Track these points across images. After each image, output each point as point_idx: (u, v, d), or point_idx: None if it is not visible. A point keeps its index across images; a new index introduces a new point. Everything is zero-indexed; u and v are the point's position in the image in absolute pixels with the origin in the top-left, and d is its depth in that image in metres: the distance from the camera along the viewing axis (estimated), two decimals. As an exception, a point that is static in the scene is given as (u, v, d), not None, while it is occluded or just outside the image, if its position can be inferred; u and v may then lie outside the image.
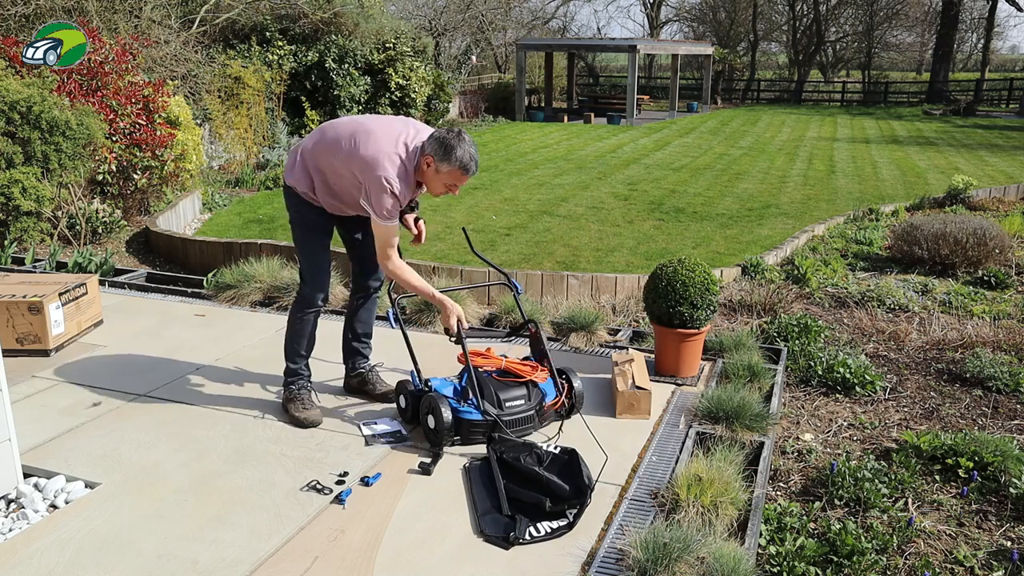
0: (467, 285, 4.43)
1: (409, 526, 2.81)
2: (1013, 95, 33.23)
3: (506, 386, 3.43)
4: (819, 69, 44.46)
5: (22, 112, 6.71)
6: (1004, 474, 3.58)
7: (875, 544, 3.11)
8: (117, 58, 8.63)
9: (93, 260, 6.17)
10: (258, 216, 9.89)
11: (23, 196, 6.66)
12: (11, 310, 4.22)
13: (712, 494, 2.87)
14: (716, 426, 3.54)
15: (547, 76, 27.32)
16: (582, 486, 2.96)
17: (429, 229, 9.04)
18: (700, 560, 2.55)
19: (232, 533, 2.75)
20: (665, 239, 8.85)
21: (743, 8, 41.98)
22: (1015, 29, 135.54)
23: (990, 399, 4.58)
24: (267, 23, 14.83)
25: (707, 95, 30.11)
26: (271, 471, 3.15)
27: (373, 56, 15.74)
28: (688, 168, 14.51)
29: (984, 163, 15.52)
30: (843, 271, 7.41)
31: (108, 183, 8.33)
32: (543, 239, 8.78)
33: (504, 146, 17.66)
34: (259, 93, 13.38)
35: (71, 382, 3.95)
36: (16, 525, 2.81)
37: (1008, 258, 7.60)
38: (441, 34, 25.84)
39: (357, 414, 3.66)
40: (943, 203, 10.89)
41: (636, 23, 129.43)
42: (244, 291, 5.24)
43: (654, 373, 4.15)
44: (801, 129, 22.46)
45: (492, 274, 6.41)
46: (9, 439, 2.98)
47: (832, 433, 4.16)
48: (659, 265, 4.17)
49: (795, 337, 5.29)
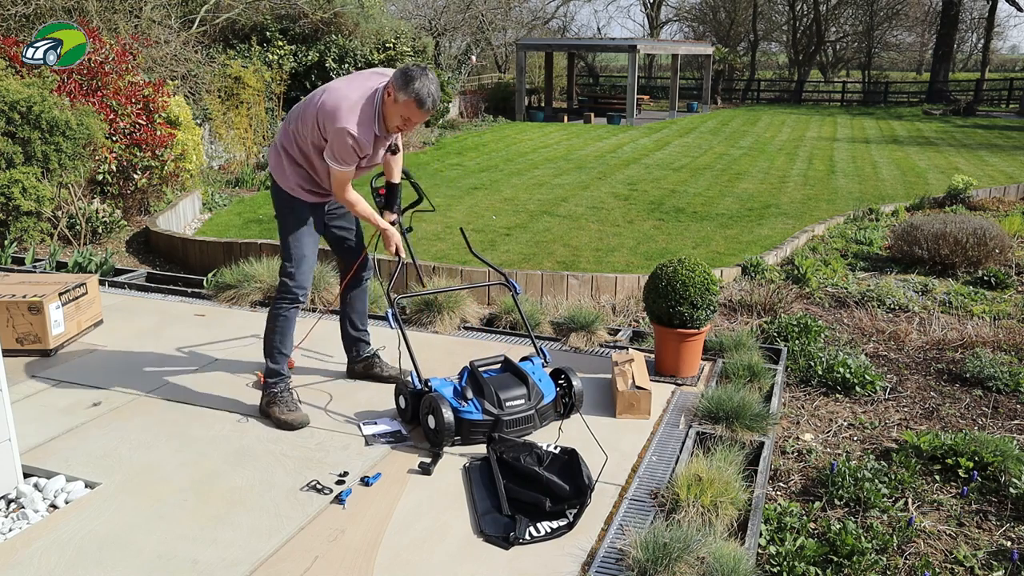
0: (467, 285, 4.43)
1: (409, 526, 2.81)
2: (1013, 95, 33.22)
3: (506, 386, 3.43)
4: (819, 69, 44.45)
5: (22, 112, 6.71)
6: (1004, 474, 3.58)
7: (875, 544, 3.11)
8: (117, 58, 8.64)
9: (93, 260, 6.17)
10: (258, 216, 9.89)
11: (23, 196, 6.66)
12: (11, 310, 4.22)
13: (712, 494, 2.86)
14: (716, 426, 3.54)
15: (547, 76, 27.32)
16: (582, 486, 2.96)
17: (429, 229, 9.05)
18: (700, 560, 2.55)
19: (232, 533, 2.75)
20: (665, 239, 8.85)
21: (743, 8, 41.96)
22: (1015, 29, 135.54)
23: (990, 399, 4.58)
24: (267, 23, 14.83)
25: (707, 95, 30.10)
26: (271, 471, 3.15)
27: (373, 56, 15.73)
28: (688, 168, 14.51)
29: (984, 163, 15.52)
30: (843, 271, 7.41)
31: (108, 183, 8.33)
32: (543, 239, 8.78)
33: (504, 146, 17.65)
34: (259, 93, 13.38)
35: (71, 382, 3.95)
36: (16, 525, 2.81)
37: (1008, 258, 7.59)
38: (441, 34, 25.83)
39: (357, 414, 3.66)
40: (943, 203, 10.89)
41: (636, 23, 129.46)
42: (244, 291, 5.24)
43: (654, 373, 4.15)
44: (801, 129, 22.46)
45: (492, 274, 6.41)
46: (9, 439, 2.98)
47: (832, 433, 4.16)
48: (659, 265, 4.17)
49: (795, 337, 5.29)
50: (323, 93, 3.32)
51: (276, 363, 3.59)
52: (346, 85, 3.31)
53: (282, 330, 3.57)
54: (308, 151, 3.40)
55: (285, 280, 3.56)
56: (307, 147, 3.39)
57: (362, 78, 3.37)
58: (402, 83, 3.18)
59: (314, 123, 3.29)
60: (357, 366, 4.01)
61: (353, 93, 3.25)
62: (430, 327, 4.77)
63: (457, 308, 4.85)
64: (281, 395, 3.56)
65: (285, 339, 3.58)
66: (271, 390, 3.57)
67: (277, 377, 3.59)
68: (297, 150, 3.43)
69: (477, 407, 3.32)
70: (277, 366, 3.59)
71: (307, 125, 3.33)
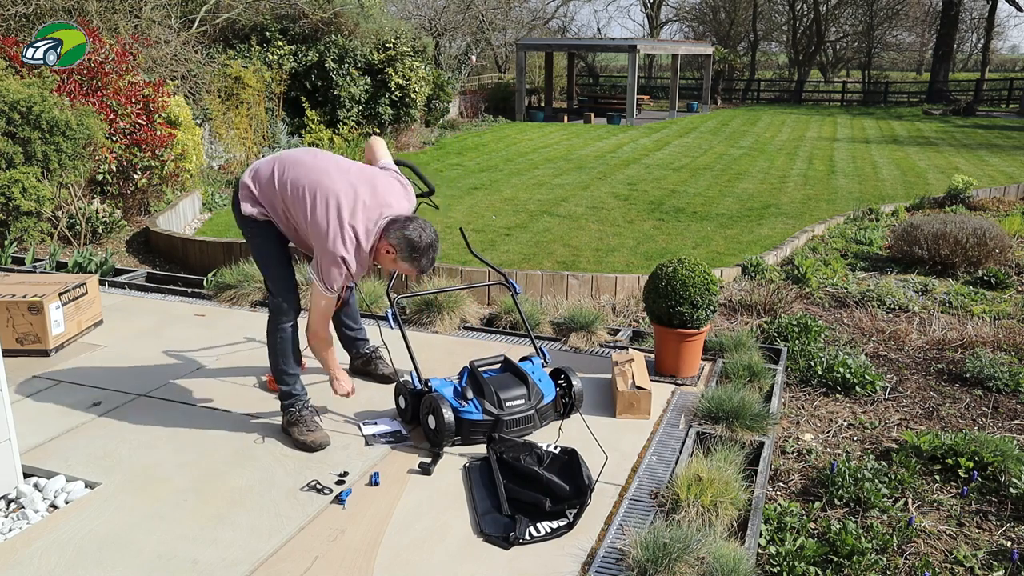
0: (467, 285, 4.43)
1: (409, 526, 2.81)
2: (1013, 95, 33.21)
3: (506, 386, 3.43)
4: (819, 69, 44.44)
5: (22, 112, 6.71)
6: (1004, 474, 3.58)
7: (875, 544, 3.11)
8: (117, 58, 8.63)
9: (93, 260, 6.17)
10: (258, 216, 9.88)
11: (23, 196, 6.66)
12: (11, 310, 4.22)
13: (712, 494, 2.86)
14: (716, 426, 3.54)
15: (547, 76, 27.31)
16: (582, 486, 2.96)
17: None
18: (700, 560, 2.55)
19: (232, 533, 2.75)
20: (665, 239, 8.85)
21: (743, 8, 41.96)
22: (1015, 29, 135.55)
23: (990, 399, 4.58)
24: (267, 23, 14.82)
25: (707, 95, 30.10)
26: (271, 471, 3.15)
27: (373, 56, 15.73)
28: (688, 168, 14.51)
29: (984, 163, 15.52)
30: (843, 271, 7.41)
31: (108, 183, 8.33)
32: (543, 239, 8.78)
33: (504, 146, 17.66)
34: (259, 93, 13.38)
35: (71, 382, 3.95)
36: (16, 525, 2.81)
37: (1008, 258, 7.59)
38: (441, 34, 25.82)
39: (357, 414, 3.65)
40: (943, 203, 10.89)
41: (636, 23, 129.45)
42: (244, 291, 5.24)
43: (654, 373, 4.15)
44: (801, 129, 22.46)
45: (491, 274, 6.41)
46: (9, 439, 2.98)
47: (832, 433, 4.16)
48: (659, 265, 4.17)
49: (795, 337, 5.29)
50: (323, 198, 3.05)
51: (288, 385, 3.43)
52: (343, 199, 3.06)
53: (283, 351, 3.41)
54: (290, 221, 3.22)
55: (272, 298, 3.42)
56: (291, 218, 3.20)
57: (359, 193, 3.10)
58: (408, 255, 3.06)
59: (305, 215, 3.08)
60: (356, 363, 4.04)
61: (345, 218, 3.03)
62: (430, 327, 4.77)
63: (457, 308, 4.85)
64: (300, 415, 3.39)
65: (288, 359, 3.42)
66: (289, 410, 3.42)
67: (291, 399, 3.43)
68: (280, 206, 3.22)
69: (477, 407, 3.32)
70: (289, 387, 3.43)
71: (297, 208, 3.12)
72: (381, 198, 3.16)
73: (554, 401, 3.54)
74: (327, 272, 3.09)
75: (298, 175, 3.19)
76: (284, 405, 3.45)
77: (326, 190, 3.10)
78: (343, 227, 3.05)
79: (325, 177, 3.14)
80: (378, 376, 3.98)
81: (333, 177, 3.15)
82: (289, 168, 3.22)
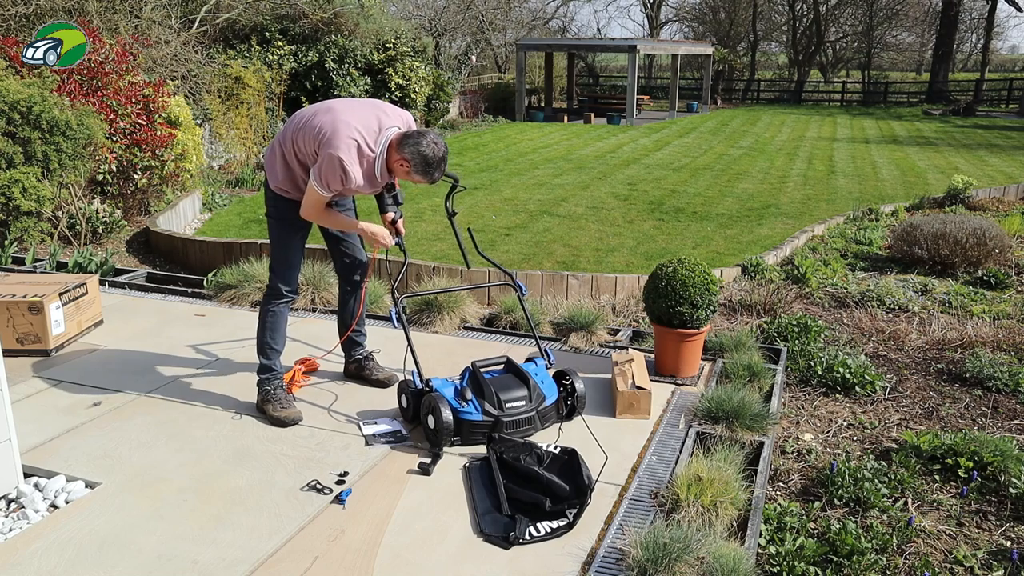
0: (468, 285, 4.43)
1: (409, 526, 2.81)
2: (1013, 95, 33.22)
3: (507, 387, 3.43)
4: (819, 69, 44.45)
5: (22, 112, 6.71)
6: (1004, 474, 3.58)
7: (875, 544, 3.11)
8: (117, 58, 8.63)
9: (93, 260, 6.17)
10: (258, 216, 9.88)
11: (23, 196, 6.66)
12: (11, 310, 4.22)
13: (712, 494, 2.87)
14: (716, 426, 3.54)
15: (547, 76, 27.32)
16: (582, 486, 2.96)
17: (429, 229, 9.06)
18: (700, 560, 2.55)
19: (232, 533, 2.75)
20: (665, 239, 8.85)
21: (743, 8, 41.97)
22: (1015, 29, 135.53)
23: (990, 399, 4.59)
24: (267, 23, 14.83)
25: (707, 95, 30.11)
26: (271, 471, 3.15)
27: (373, 56, 15.74)
28: (688, 168, 14.51)
29: (984, 163, 15.53)
30: (843, 271, 7.41)
31: (108, 183, 8.34)
32: (543, 239, 8.78)
33: (504, 146, 17.66)
34: (259, 93, 13.38)
35: (71, 382, 3.96)
36: (16, 525, 2.81)
37: (1008, 258, 7.60)
38: (441, 34, 25.82)
39: (357, 414, 3.66)
40: (943, 203, 10.89)
41: (636, 23, 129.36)
42: (244, 291, 5.24)
43: (654, 373, 4.15)
44: (801, 129, 22.46)
45: (493, 274, 6.41)
46: (9, 439, 2.98)
47: (832, 433, 4.16)
48: (659, 265, 4.18)
49: (795, 337, 5.29)
50: (326, 112, 3.29)
51: (268, 359, 3.62)
52: (349, 110, 3.28)
53: (272, 326, 3.60)
54: (304, 161, 3.39)
55: (272, 279, 3.60)
56: (303, 158, 3.38)
57: (366, 108, 3.34)
58: (421, 169, 3.22)
59: (313, 138, 3.27)
60: (350, 366, 4.04)
61: (355, 120, 3.23)
62: (430, 327, 4.77)
63: (457, 308, 4.86)
64: (275, 392, 3.60)
65: (276, 335, 3.61)
66: (264, 387, 3.61)
67: (270, 373, 3.62)
68: (293, 156, 3.42)
69: (477, 408, 3.32)
70: (269, 362, 3.62)
71: (307, 140, 3.32)
72: (376, 117, 3.32)
73: (556, 403, 3.54)
74: (326, 173, 3.22)
75: (306, 110, 3.44)
76: (260, 380, 3.61)
77: (327, 106, 3.35)
78: (341, 127, 3.20)
79: (329, 103, 3.40)
80: (371, 381, 3.96)
81: (334, 104, 3.39)
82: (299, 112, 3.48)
